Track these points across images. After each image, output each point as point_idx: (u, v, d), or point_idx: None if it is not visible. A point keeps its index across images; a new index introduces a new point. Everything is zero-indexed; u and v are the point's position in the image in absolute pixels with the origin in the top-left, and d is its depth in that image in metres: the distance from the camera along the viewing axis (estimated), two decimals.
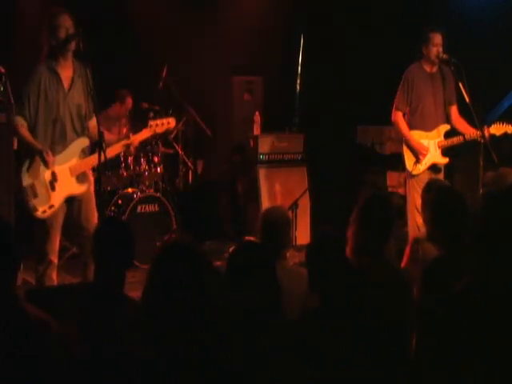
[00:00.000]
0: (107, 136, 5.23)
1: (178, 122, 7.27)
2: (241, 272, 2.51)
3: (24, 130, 4.58)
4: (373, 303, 2.77)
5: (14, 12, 7.44)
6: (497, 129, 5.72)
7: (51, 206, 4.61)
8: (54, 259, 4.68)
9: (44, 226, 4.62)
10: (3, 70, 5.47)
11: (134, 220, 6.47)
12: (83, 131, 4.75)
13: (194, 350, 1.89)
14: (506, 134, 5.78)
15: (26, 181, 4.58)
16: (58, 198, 4.64)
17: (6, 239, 2.44)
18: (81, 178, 4.73)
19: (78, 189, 4.70)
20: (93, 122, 4.76)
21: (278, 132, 7.79)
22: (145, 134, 4.93)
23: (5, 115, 5.41)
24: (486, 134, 5.60)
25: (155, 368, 1.61)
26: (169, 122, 5.01)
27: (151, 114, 6.88)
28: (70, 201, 4.70)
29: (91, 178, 4.84)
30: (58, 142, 4.65)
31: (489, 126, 5.72)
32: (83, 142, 4.75)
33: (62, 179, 4.65)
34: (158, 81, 7.51)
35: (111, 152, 4.84)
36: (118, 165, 6.74)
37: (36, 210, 4.57)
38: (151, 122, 4.96)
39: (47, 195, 4.60)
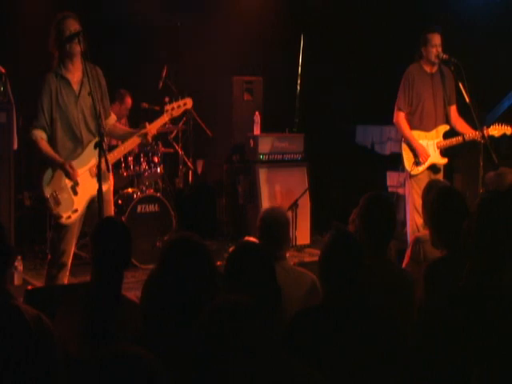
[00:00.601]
0: (121, 127, 5.25)
1: (177, 121, 7.30)
2: (240, 272, 2.51)
3: (44, 144, 4.56)
4: (373, 303, 2.77)
5: (14, 12, 7.44)
6: (496, 129, 5.74)
7: (75, 211, 4.61)
8: (68, 262, 4.65)
9: (63, 228, 4.60)
10: (3, 70, 5.48)
11: (134, 220, 6.46)
12: (100, 131, 4.72)
13: (194, 349, 1.89)
14: (504, 135, 5.82)
15: (48, 191, 4.56)
16: (81, 201, 4.63)
17: None
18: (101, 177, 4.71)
19: None
20: (111, 120, 4.82)
21: (277, 132, 7.79)
22: (162, 119, 4.86)
23: (5, 115, 5.43)
24: (485, 134, 5.62)
25: (155, 368, 1.61)
26: (185, 103, 4.92)
27: (167, 99, 6.84)
28: (91, 201, 4.67)
29: (111, 178, 4.80)
30: (76, 146, 4.64)
31: (488, 126, 5.74)
32: None
33: (84, 182, 4.63)
34: (158, 81, 7.52)
35: (129, 145, 4.85)
36: (118, 165, 6.74)
37: (60, 217, 4.56)
38: (167, 107, 4.88)
39: (70, 201, 4.59)
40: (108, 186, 4.71)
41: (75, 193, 4.61)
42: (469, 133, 5.81)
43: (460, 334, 2.35)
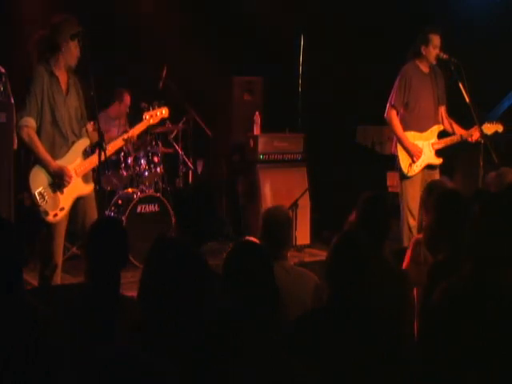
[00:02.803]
0: (106, 136, 5.33)
1: (177, 121, 7.30)
2: (238, 272, 2.51)
3: (39, 142, 4.57)
4: (372, 302, 2.77)
5: (13, 12, 7.44)
6: (488, 128, 5.83)
7: (62, 209, 4.64)
8: (59, 262, 4.69)
9: (51, 229, 4.62)
10: (3, 70, 5.48)
11: (134, 220, 6.46)
12: (81, 134, 4.81)
13: (194, 350, 1.89)
14: (498, 133, 5.87)
15: (35, 187, 4.58)
16: (67, 200, 4.66)
17: (11, 236, 2.47)
18: (86, 178, 4.78)
19: (85, 189, 4.75)
20: (89, 128, 4.85)
21: (277, 132, 7.79)
22: (141, 125, 5.18)
23: (5, 115, 5.42)
24: (476, 133, 5.71)
25: (154, 368, 1.61)
26: (162, 112, 5.27)
27: (144, 105, 6.85)
28: (76, 201, 4.72)
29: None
30: (62, 144, 4.69)
31: (481, 125, 5.78)
32: (85, 142, 4.81)
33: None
34: (158, 81, 7.51)
35: (113, 147, 4.99)
36: (118, 165, 6.73)
37: (47, 214, 4.58)
38: (146, 114, 5.23)
39: (56, 199, 4.62)
40: (92, 187, 4.80)
41: (61, 191, 4.63)
42: (459, 132, 5.88)
43: (460, 334, 2.34)
